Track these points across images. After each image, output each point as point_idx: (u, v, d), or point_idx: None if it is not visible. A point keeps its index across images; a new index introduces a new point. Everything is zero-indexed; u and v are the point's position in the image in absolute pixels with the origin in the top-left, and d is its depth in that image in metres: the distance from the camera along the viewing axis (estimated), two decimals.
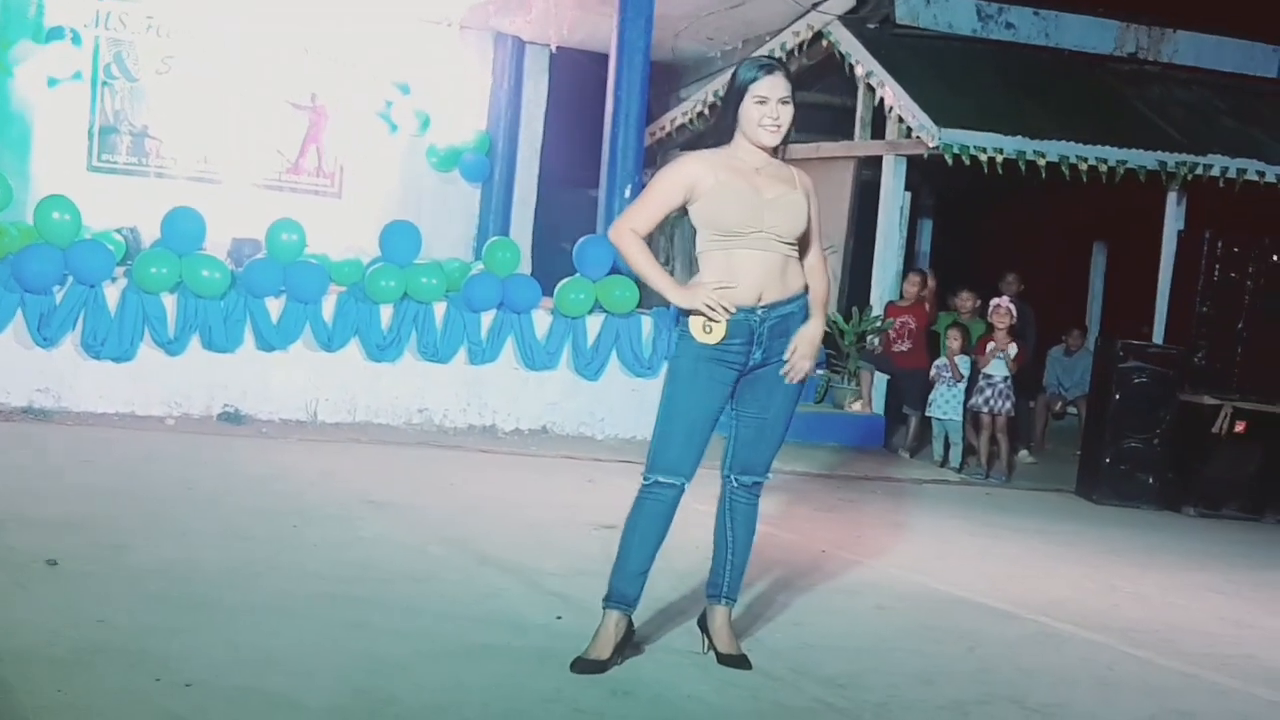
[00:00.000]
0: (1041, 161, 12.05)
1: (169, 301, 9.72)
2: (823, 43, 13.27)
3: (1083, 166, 12.18)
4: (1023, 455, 12.07)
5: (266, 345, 9.95)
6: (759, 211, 4.70)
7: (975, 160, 11.90)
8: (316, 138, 14.07)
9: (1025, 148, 12.01)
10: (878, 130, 13.13)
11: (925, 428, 11.69)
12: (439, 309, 10.39)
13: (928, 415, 11.44)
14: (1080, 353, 13.13)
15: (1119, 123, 12.89)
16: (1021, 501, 10.25)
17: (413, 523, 7.06)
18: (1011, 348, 11.01)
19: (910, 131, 12.16)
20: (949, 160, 11.89)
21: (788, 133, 4.78)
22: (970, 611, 6.33)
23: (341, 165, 14.22)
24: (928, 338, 12.07)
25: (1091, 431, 10.87)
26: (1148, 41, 14.13)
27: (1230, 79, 14.33)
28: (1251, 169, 12.78)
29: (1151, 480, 10.49)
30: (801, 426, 11.59)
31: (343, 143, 14.20)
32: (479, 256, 12.20)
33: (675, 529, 4.91)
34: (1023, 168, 12.04)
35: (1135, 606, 6.91)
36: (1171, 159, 12.52)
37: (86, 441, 8.63)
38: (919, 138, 11.99)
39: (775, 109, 4.71)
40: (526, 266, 12.61)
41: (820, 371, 12.46)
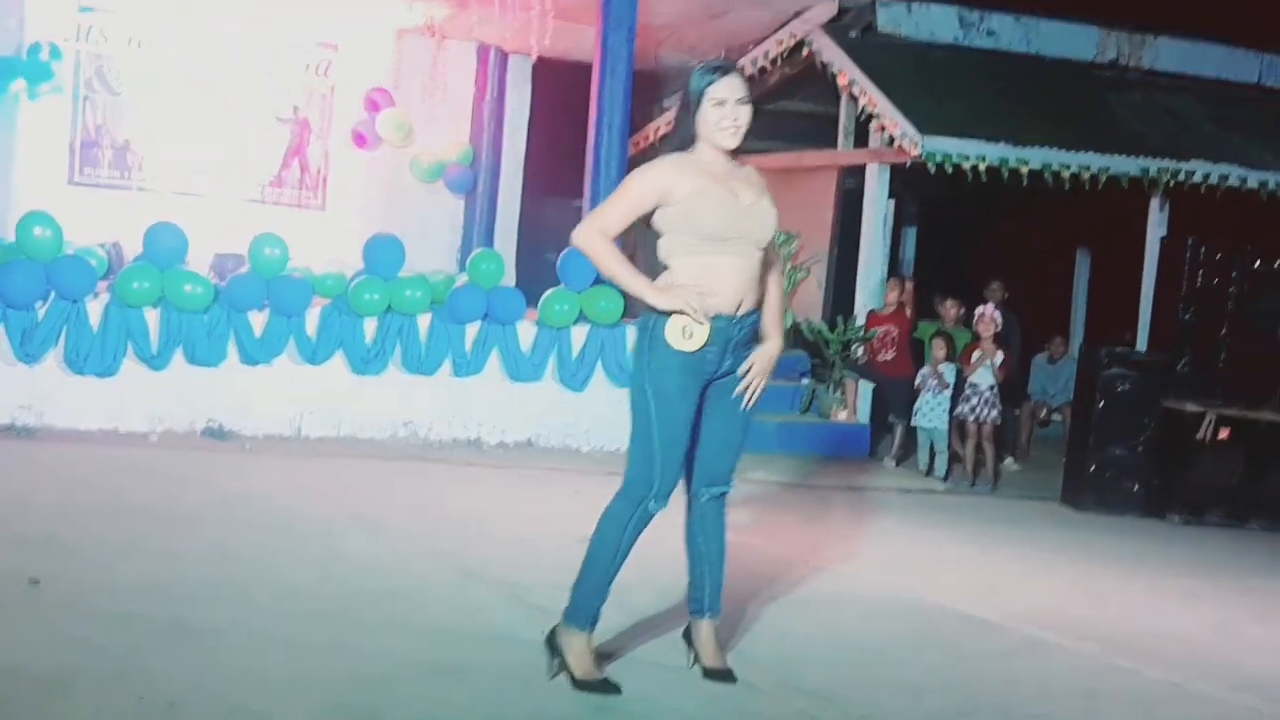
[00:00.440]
0: (1024, 169, 12.07)
1: (152, 316, 9.68)
2: (805, 51, 13.28)
3: (1065, 174, 12.20)
4: (1008, 463, 12.09)
5: (250, 359, 9.92)
6: (740, 217, 4.69)
7: (958, 168, 11.92)
8: (299, 151, 14.04)
9: (1008, 155, 12.03)
10: (861, 139, 13.15)
11: (911, 436, 11.70)
12: (423, 321, 10.37)
13: (913, 424, 11.45)
14: (1064, 360, 13.15)
15: (1101, 129, 12.92)
16: (1007, 510, 10.26)
17: (397, 538, 7.05)
18: (998, 355, 11.03)
19: (893, 140, 12.18)
20: (932, 168, 11.91)
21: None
22: (955, 622, 6.33)
23: (324, 178, 14.19)
24: (912, 346, 12.08)
25: (1076, 439, 10.89)
26: (1129, 48, 14.17)
27: (1212, 85, 14.37)
28: (1234, 175, 12.82)
29: (1136, 488, 10.51)
30: (787, 436, 11.67)
31: (325, 155, 14.17)
32: (463, 268, 12.18)
33: (656, 541, 4.90)
34: (1005, 175, 12.07)
35: (1120, 615, 6.92)
36: (1154, 165, 12.55)
37: (70, 458, 8.59)
38: (902, 146, 12.00)
39: (734, 110, 4.68)
40: (511, 278, 12.58)
41: (805, 381, 12.47)
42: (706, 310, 4.60)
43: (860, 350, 12.26)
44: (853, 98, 12.82)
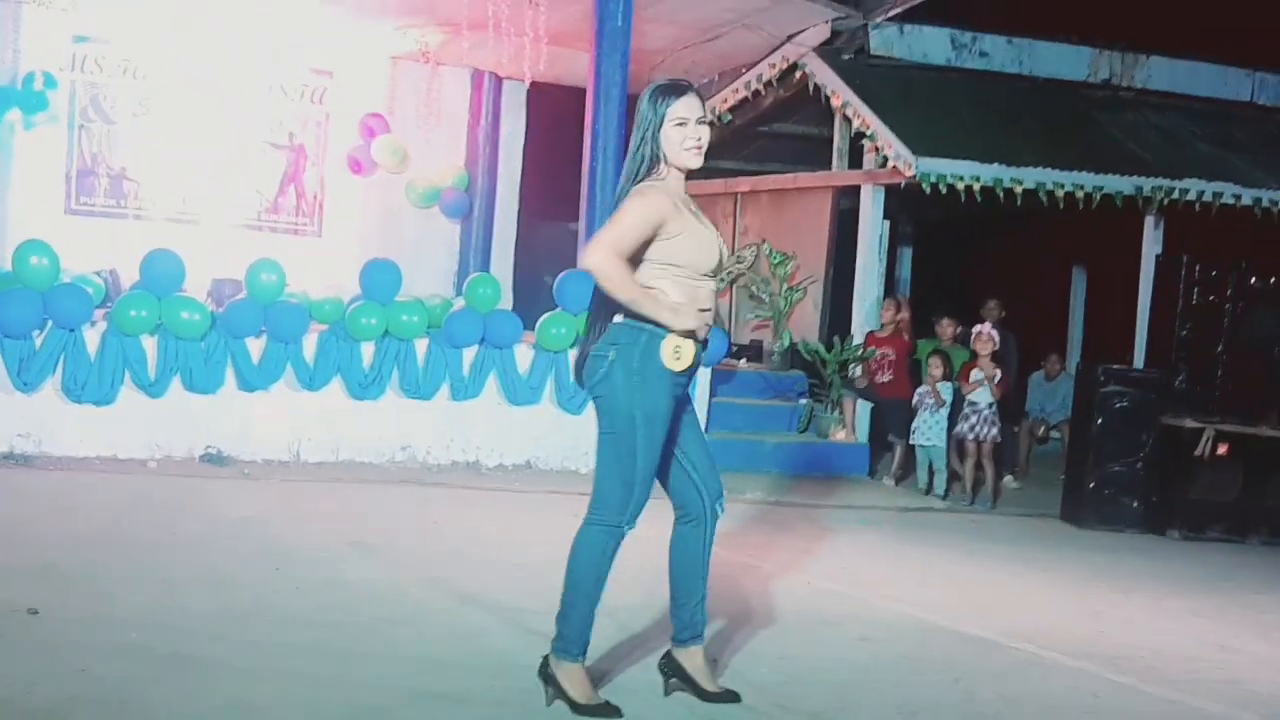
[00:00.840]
0: (1019, 189, 12.11)
1: (149, 344, 9.69)
2: (798, 74, 13.33)
3: (1060, 193, 12.23)
4: (1007, 481, 12.10)
5: (248, 386, 9.93)
6: (719, 251, 4.69)
7: (953, 189, 11.95)
8: (295, 177, 14.09)
9: (1002, 175, 12.07)
10: (855, 160, 13.19)
11: (910, 455, 11.71)
12: (420, 346, 10.38)
13: (911, 443, 11.46)
14: (1061, 377, 13.17)
15: (1095, 149, 12.96)
16: (1007, 528, 10.26)
17: (396, 563, 7.04)
18: (995, 373, 11.04)
19: (887, 161, 12.21)
20: (926, 189, 11.94)
21: None
22: (955, 641, 6.32)
23: (320, 204, 14.23)
24: (909, 366, 12.10)
25: (1075, 456, 10.90)
26: (1121, 67, 14.21)
27: (1204, 103, 14.42)
28: (1228, 192, 12.86)
29: (1135, 504, 10.52)
30: (785, 456, 11.67)
31: (321, 181, 14.21)
32: (460, 292, 12.20)
33: (646, 566, 4.88)
34: (1000, 195, 12.09)
35: (1120, 632, 6.91)
36: (1148, 184, 12.59)
37: (68, 486, 8.59)
38: (896, 167, 12.04)
39: (695, 130, 4.65)
40: (508, 302, 12.60)
41: (803, 401, 12.48)
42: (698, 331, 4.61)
43: (858, 370, 12.27)
44: (846, 119, 12.87)
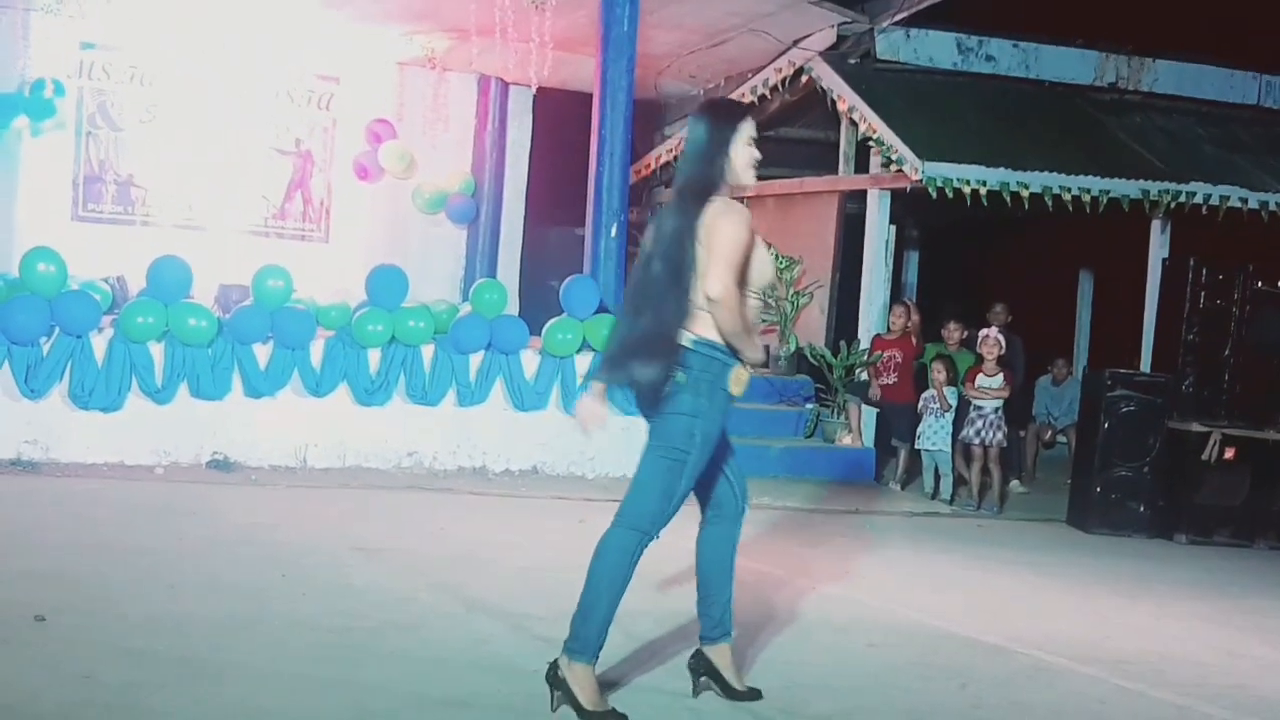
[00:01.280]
0: (1025, 193, 12.09)
1: (156, 350, 9.71)
2: (804, 79, 13.33)
3: (1066, 197, 12.22)
4: (1014, 485, 12.08)
5: (255, 392, 9.94)
6: (774, 268, 4.82)
7: (959, 193, 11.94)
8: (302, 183, 14.11)
9: (1008, 179, 12.05)
10: (861, 164, 13.19)
11: (915, 460, 11.70)
12: (427, 352, 10.39)
13: (917, 447, 11.45)
14: (1068, 382, 13.15)
15: (1101, 152, 12.95)
16: (1013, 532, 10.24)
17: (402, 569, 7.04)
18: (997, 377, 11.03)
19: (893, 165, 12.21)
20: (933, 193, 11.93)
21: None
22: (962, 646, 6.32)
23: (327, 210, 14.25)
24: (915, 370, 12.09)
25: (1081, 461, 10.89)
26: (1127, 71, 14.20)
27: (1211, 106, 14.41)
28: (1234, 196, 12.84)
29: (1142, 509, 10.50)
30: (791, 461, 11.66)
31: (328, 187, 14.23)
32: (466, 298, 12.21)
33: (663, 571, 4.89)
34: (1007, 199, 12.09)
35: (1127, 637, 6.90)
36: (1154, 187, 12.58)
37: (75, 493, 8.60)
38: (902, 171, 12.04)
39: (756, 151, 4.81)
40: (514, 307, 12.61)
41: (809, 405, 12.47)
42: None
43: (864, 376, 12.26)
44: (853, 124, 12.86)
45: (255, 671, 5.00)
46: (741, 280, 4.66)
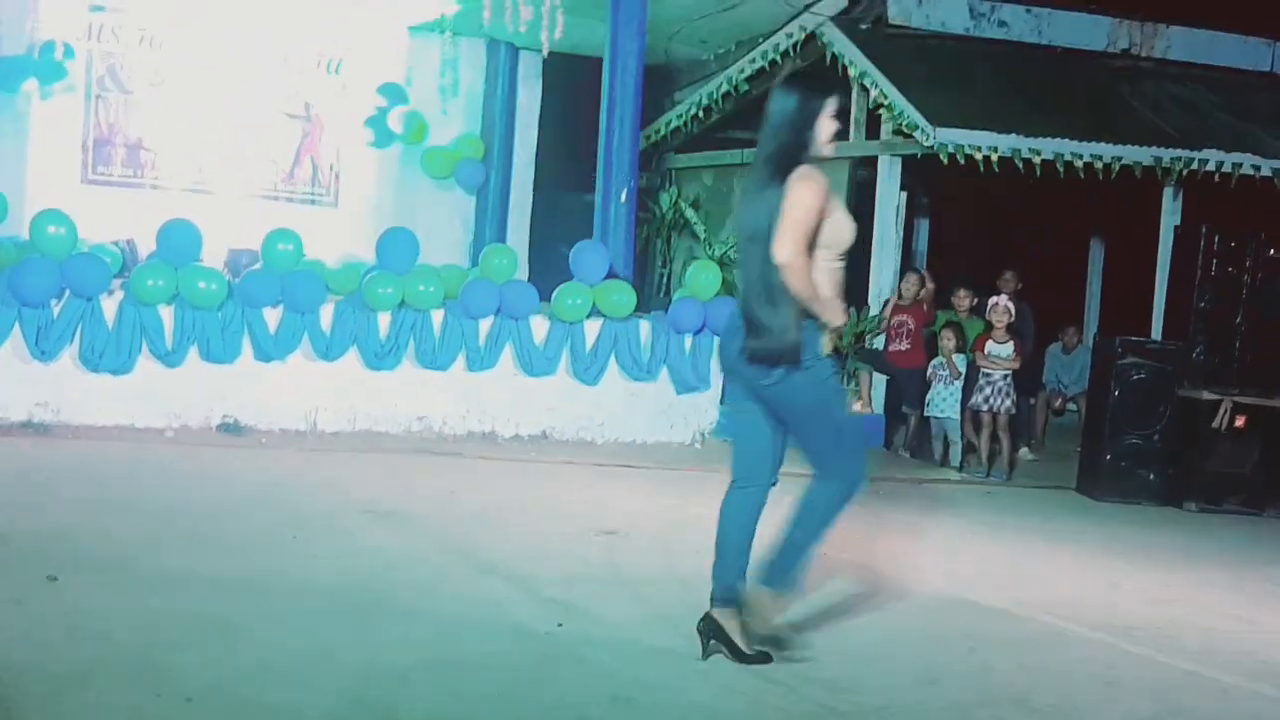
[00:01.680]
0: (1036, 159, 12.03)
1: (166, 313, 9.71)
2: (815, 44, 13.26)
3: (1078, 164, 12.16)
4: (1023, 453, 12.07)
5: (265, 355, 9.95)
6: (852, 232, 5.03)
7: (971, 159, 11.89)
8: (312, 147, 14.07)
9: (1020, 145, 11.99)
10: (872, 130, 13.12)
11: (925, 427, 11.69)
12: (437, 316, 10.38)
13: (926, 414, 11.44)
14: (1079, 349, 13.12)
15: (1113, 119, 12.87)
16: (1022, 499, 10.24)
17: (413, 532, 7.06)
18: (1007, 344, 11.00)
19: (905, 131, 12.15)
20: (944, 159, 11.88)
21: None
22: (971, 612, 6.33)
23: (336, 174, 14.22)
24: (926, 338, 12.06)
25: (1091, 428, 10.87)
26: (1140, 37, 14.11)
27: (1224, 73, 14.31)
28: (1247, 163, 12.76)
29: (1152, 476, 10.48)
30: None
31: (337, 152, 14.20)
32: (475, 263, 12.20)
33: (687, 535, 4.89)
34: (1019, 166, 12.03)
35: (1136, 604, 6.91)
36: (1167, 154, 12.50)
37: (86, 455, 8.62)
38: (914, 137, 11.98)
39: (836, 124, 4.99)
40: (524, 272, 12.59)
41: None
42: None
43: (874, 342, 12.23)
44: (864, 89, 12.79)
45: (268, 631, 5.02)
46: (813, 244, 4.81)
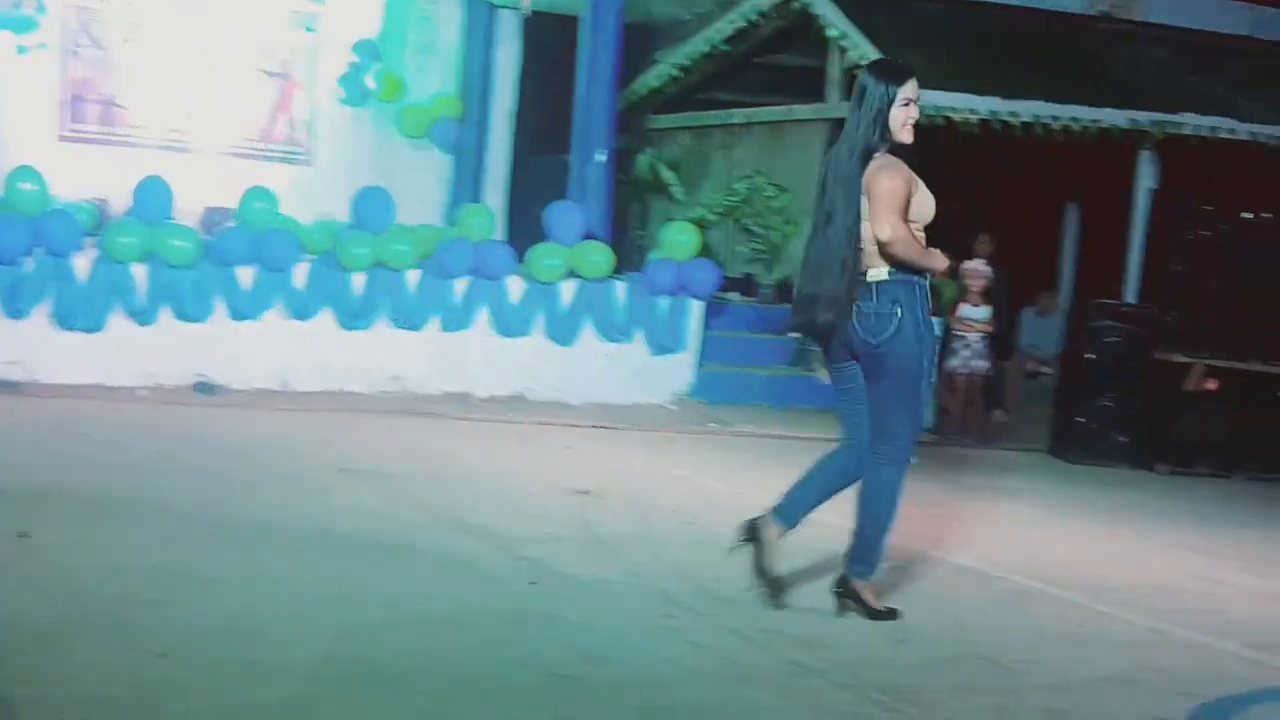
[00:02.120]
0: (1016, 121, 12.03)
1: (139, 272, 9.66)
2: (795, 4, 13.21)
3: (1056, 126, 12.17)
4: (997, 415, 12.11)
5: (239, 314, 9.91)
6: (934, 207, 5.28)
7: (949, 121, 11.88)
8: (287, 105, 13.95)
9: (998, 108, 12.00)
10: (850, 92, 13.08)
11: None
12: (412, 276, 10.35)
13: None
14: (1054, 313, 13.16)
15: (1092, 82, 12.88)
16: (995, 462, 10.29)
17: (387, 491, 7.06)
18: (981, 307, 11.02)
19: None
20: (923, 121, 11.84)
21: None
22: (943, 571, 6.36)
23: (312, 132, 14.11)
24: None
25: (1064, 391, 10.92)
26: (1121, 0, 14.10)
27: (1204, 37, 14.33)
28: (1224, 127, 12.80)
29: (1124, 439, 10.54)
30: (776, 389, 11.68)
31: (313, 110, 14.09)
32: (452, 223, 12.15)
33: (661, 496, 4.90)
34: (997, 128, 12.03)
35: (1107, 564, 6.96)
36: (1144, 117, 12.53)
37: (58, 413, 8.59)
38: None
39: (915, 110, 5.19)
40: (502, 233, 12.55)
41: (796, 334, 12.46)
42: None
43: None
44: (842, 50, 12.76)
45: (244, 589, 5.02)
46: (906, 219, 5.11)
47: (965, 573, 6.38)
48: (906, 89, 5.15)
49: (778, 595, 5.29)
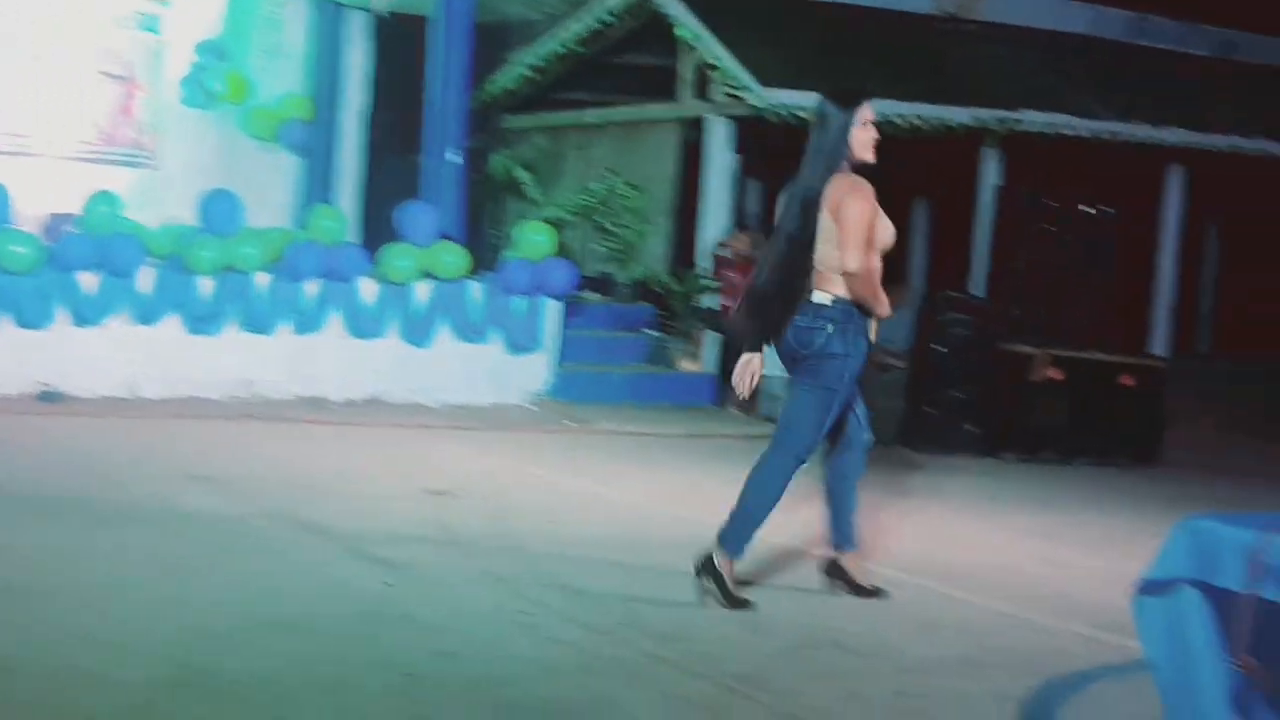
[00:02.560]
0: None
1: None
2: (646, 5, 13.26)
3: (903, 124, 12.38)
4: None
5: (82, 320, 9.67)
6: (892, 230, 5.48)
7: (801, 119, 12.02)
8: (130, 108, 13.64)
9: None
10: (702, 91, 13.20)
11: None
12: (261, 279, 10.19)
13: None
14: (904, 308, 13.37)
15: (937, 80, 13.14)
16: None
17: (236, 496, 6.94)
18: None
19: (734, 93, 12.24)
20: (774, 120, 12.00)
21: None
22: (794, 561, 6.43)
23: (157, 135, 13.82)
24: None
25: (914, 383, 11.12)
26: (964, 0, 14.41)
27: (1044, 36, 14.69)
28: (1064, 123, 13.14)
29: (972, 429, 10.76)
30: (634, 387, 11.73)
31: (158, 112, 13.80)
32: (302, 226, 11.98)
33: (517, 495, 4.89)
34: None
35: (955, 550, 7.11)
36: (988, 115, 12.81)
37: None
38: (742, 98, 12.08)
39: (873, 131, 5.47)
40: (355, 235, 12.41)
41: (652, 332, 12.54)
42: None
43: (709, 300, 12.32)
44: (692, 49, 12.84)
45: (84, 598, 4.90)
46: (869, 248, 5.34)
47: (816, 560, 6.45)
48: (864, 111, 5.43)
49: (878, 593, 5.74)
